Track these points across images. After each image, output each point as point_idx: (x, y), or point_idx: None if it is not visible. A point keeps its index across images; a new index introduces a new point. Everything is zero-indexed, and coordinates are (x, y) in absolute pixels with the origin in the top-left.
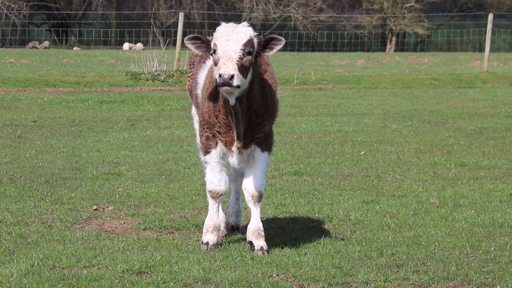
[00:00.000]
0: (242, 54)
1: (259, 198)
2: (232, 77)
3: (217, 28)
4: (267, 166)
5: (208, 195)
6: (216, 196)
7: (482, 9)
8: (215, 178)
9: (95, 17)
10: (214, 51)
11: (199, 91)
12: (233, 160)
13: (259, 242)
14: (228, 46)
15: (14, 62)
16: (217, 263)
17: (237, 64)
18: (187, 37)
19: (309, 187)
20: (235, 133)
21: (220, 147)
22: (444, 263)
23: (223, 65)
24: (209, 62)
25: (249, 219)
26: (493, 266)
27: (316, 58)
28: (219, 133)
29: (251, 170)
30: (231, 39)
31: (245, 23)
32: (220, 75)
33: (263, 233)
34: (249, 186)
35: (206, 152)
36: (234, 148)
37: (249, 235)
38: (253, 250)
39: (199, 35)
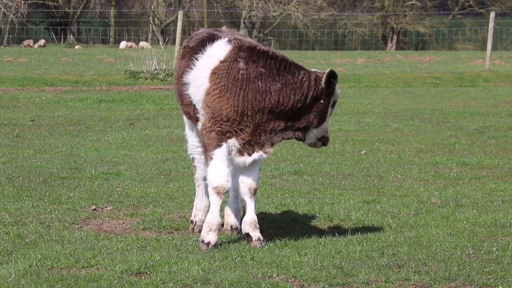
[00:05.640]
0: None
1: (255, 191)
2: None
3: (336, 86)
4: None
5: (212, 191)
6: (222, 191)
7: (484, 7)
8: (224, 173)
9: (93, 15)
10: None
11: (190, 91)
12: (243, 159)
13: (256, 233)
14: None
15: (12, 61)
16: (216, 263)
17: None
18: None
19: (310, 187)
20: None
21: (231, 142)
22: (446, 264)
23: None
24: (199, 63)
25: (244, 212)
26: (495, 266)
27: (317, 56)
28: (242, 130)
29: (249, 166)
30: None
31: None
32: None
33: (258, 225)
34: (246, 179)
35: (218, 145)
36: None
37: (246, 227)
38: (251, 241)
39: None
